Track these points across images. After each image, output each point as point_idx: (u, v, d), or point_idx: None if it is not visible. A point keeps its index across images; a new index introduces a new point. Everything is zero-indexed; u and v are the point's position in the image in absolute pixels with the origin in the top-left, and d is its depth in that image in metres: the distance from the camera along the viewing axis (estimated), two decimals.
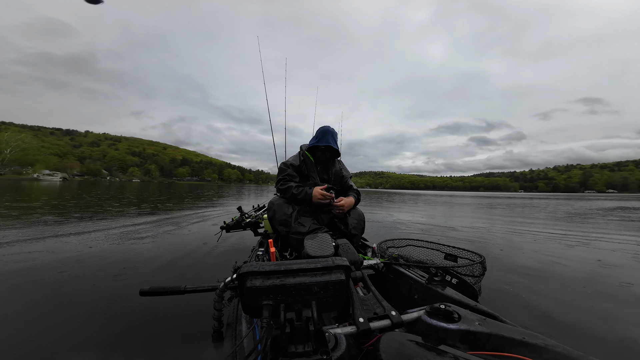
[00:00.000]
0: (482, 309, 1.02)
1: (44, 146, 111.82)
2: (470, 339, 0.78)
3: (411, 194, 42.13)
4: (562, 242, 4.37)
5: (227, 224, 2.47)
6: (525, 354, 0.69)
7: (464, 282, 1.35)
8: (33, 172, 67.05)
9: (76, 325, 1.54)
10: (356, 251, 1.49)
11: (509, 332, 0.76)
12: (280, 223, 1.78)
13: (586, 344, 1.47)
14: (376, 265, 1.59)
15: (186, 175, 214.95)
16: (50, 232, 3.97)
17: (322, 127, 1.98)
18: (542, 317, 1.76)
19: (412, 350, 0.68)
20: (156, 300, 1.65)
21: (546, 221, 7.49)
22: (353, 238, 1.81)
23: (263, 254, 1.64)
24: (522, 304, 1.94)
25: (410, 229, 5.71)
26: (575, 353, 0.67)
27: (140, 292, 1.15)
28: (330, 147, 1.94)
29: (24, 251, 2.96)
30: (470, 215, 9.12)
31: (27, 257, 2.75)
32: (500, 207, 13.30)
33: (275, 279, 0.70)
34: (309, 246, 1.31)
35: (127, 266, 2.55)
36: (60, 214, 5.96)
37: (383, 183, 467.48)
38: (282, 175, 1.96)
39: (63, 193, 13.36)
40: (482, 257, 1.44)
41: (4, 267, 2.45)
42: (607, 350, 1.43)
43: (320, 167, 2.04)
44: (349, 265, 0.77)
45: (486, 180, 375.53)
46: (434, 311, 0.87)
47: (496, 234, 5.14)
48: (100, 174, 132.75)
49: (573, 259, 3.23)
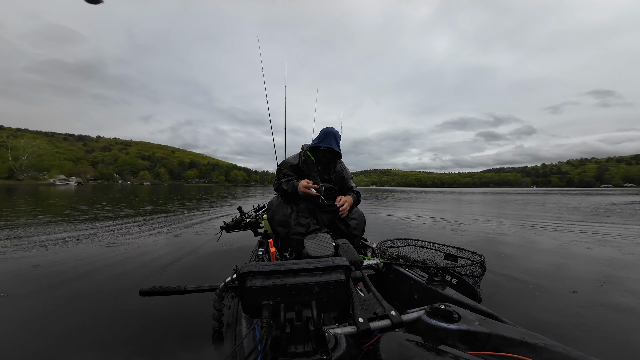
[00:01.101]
0: (482, 309, 1.02)
1: (59, 152, 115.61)
2: (470, 339, 0.78)
3: (418, 192, 41.61)
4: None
5: (227, 224, 2.47)
6: (525, 354, 0.69)
7: (464, 282, 1.34)
8: (49, 177, 69.56)
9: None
10: (356, 251, 1.49)
11: (509, 332, 0.76)
12: (279, 224, 1.78)
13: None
14: (376, 265, 1.59)
15: (194, 177, 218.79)
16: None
17: (326, 128, 1.98)
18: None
19: (412, 350, 0.68)
20: (156, 300, 1.65)
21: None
22: (353, 238, 1.81)
23: (263, 254, 1.64)
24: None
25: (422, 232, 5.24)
26: (575, 353, 0.67)
27: (140, 292, 1.15)
28: (332, 149, 1.93)
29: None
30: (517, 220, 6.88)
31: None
32: (534, 204, 12.12)
33: (275, 279, 0.70)
34: (309, 246, 1.31)
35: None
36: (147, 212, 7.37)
37: (389, 181, 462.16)
38: (278, 176, 1.98)
39: (96, 196, 14.33)
40: (482, 257, 1.43)
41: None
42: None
43: (321, 168, 2.04)
44: (349, 265, 0.77)
45: (496, 175, 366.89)
46: (434, 311, 0.87)
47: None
48: (112, 178, 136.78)
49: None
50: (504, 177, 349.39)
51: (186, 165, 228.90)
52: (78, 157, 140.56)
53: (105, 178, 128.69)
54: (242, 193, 24.58)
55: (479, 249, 2.36)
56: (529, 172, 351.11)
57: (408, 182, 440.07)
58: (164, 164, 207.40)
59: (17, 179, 59.75)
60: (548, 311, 1.85)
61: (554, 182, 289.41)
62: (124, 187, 40.12)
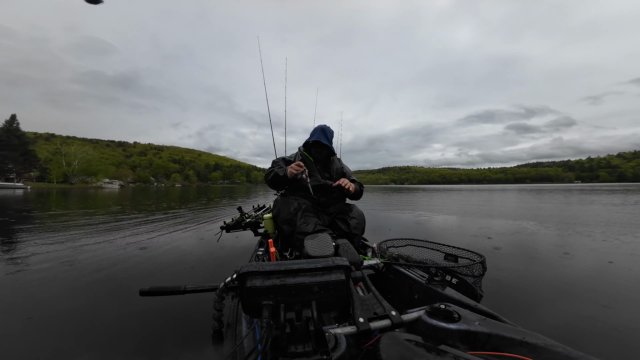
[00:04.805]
0: (482, 309, 1.01)
1: (103, 157, 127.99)
2: (470, 339, 0.77)
3: (443, 189, 38.02)
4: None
5: (227, 224, 2.46)
6: (525, 354, 0.69)
7: (464, 282, 1.34)
8: (97, 181, 77.53)
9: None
10: (356, 251, 1.49)
11: (509, 332, 0.76)
12: (285, 222, 1.77)
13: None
14: (376, 265, 1.58)
15: (219, 179, 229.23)
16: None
17: (318, 125, 2.03)
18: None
19: (412, 350, 0.68)
20: (156, 300, 1.64)
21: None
22: (353, 238, 1.81)
23: (263, 254, 1.63)
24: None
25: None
26: (575, 353, 0.66)
27: (140, 292, 1.14)
28: (319, 142, 1.91)
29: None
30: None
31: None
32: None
33: (275, 279, 0.70)
34: (309, 246, 1.30)
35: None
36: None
37: (409, 179, 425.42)
38: (271, 168, 1.97)
39: (150, 196, 15.89)
40: (482, 257, 1.42)
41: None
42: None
43: (320, 166, 2.03)
44: (349, 265, 0.77)
45: (533, 170, 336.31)
46: (434, 311, 0.87)
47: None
48: (148, 180, 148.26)
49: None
50: (542, 172, 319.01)
51: (211, 168, 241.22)
52: (119, 162, 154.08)
53: (143, 181, 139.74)
54: (262, 192, 25.43)
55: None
56: (572, 166, 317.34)
57: (431, 179, 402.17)
58: (192, 166, 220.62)
59: (70, 183, 67.47)
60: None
61: (602, 177, 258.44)
62: (158, 189, 42.35)
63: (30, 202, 11.00)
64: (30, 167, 60.68)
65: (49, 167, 67.15)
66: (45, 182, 64.49)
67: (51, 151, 76.10)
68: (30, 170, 61.61)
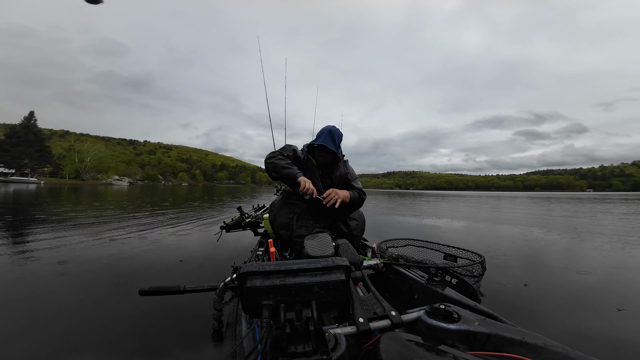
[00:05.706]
0: (482, 309, 1.01)
1: (114, 154, 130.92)
2: (470, 339, 0.78)
3: (451, 195, 36.85)
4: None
5: (227, 223, 2.46)
6: (524, 354, 0.69)
7: (464, 282, 1.33)
8: (107, 178, 79.44)
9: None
10: (356, 251, 1.48)
11: (508, 332, 0.76)
12: (281, 226, 1.72)
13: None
14: (376, 266, 1.58)
15: (224, 179, 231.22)
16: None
17: (326, 126, 1.86)
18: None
19: (412, 350, 0.68)
20: (156, 299, 1.61)
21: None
22: (353, 239, 1.79)
23: (263, 254, 1.63)
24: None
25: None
26: (575, 353, 0.66)
27: (139, 291, 1.14)
28: (325, 147, 1.74)
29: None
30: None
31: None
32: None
33: (275, 279, 0.70)
34: (309, 246, 1.30)
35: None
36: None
37: (415, 184, 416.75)
38: (278, 151, 1.76)
39: (165, 195, 16.26)
40: (481, 257, 1.42)
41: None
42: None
43: (322, 172, 1.89)
44: (349, 265, 0.77)
45: (543, 178, 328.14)
46: (433, 311, 0.87)
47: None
48: (157, 178, 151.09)
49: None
50: (552, 179, 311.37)
51: (218, 168, 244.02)
52: (129, 160, 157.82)
53: (151, 179, 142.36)
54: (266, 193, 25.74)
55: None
56: (584, 174, 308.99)
57: (437, 184, 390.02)
58: (199, 166, 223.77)
59: (81, 179, 69.44)
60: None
61: (615, 186, 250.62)
62: (166, 187, 43.18)
63: (45, 196, 11.22)
64: (44, 163, 62.75)
65: (62, 163, 69.21)
66: (57, 177, 66.43)
67: (65, 148, 78.58)
68: (44, 166, 63.64)
